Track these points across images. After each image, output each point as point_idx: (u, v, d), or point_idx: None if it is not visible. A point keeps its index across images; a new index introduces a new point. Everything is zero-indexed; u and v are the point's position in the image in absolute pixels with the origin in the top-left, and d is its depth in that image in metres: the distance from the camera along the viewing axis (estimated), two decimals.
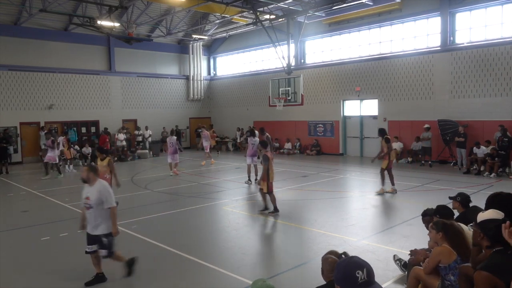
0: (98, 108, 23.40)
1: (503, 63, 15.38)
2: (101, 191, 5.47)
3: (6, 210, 10.66)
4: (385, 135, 11.61)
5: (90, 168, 5.63)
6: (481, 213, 3.44)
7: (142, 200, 11.58)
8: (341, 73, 20.66)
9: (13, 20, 20.41)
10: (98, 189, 5.47)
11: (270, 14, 18.83)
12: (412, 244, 6.18)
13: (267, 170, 9.15)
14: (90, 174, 5.53)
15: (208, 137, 18.80)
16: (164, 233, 8.20)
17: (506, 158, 13.97)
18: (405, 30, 18.52)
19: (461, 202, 5.40)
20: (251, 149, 13.56)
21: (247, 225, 8.88)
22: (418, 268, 4.56)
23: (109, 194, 5.54)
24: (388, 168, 11.37)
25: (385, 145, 11.35)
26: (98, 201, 5.43)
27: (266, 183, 9.18)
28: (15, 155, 20.17)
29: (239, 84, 26.41)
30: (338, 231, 7.98)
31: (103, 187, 5.54)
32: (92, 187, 5.51)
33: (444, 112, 16.85)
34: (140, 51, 24.56)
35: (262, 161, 9.32)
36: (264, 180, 9.20)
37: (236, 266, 6.31)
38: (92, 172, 5.56)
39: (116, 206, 5.63)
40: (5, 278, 6.02)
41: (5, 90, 20.23)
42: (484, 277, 2.96)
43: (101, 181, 5.64)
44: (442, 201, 5.94)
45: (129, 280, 5.90)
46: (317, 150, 21.38)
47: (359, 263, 2.13)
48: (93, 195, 5.45)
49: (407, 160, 17.66)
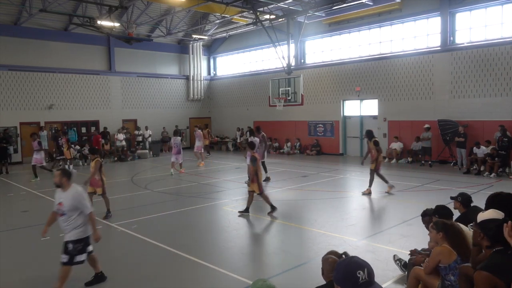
0: (98, 108, 23.40)
1: (503, 63, 15.38)
2: (75, 197, 5.19)
3: (6, 210, 10.67)
4: (374, 138, 11.44)
5: (63, 172, 5.33)
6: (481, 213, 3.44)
7: (142, 200, 11.58)
8: (341, 73, 20.66)
9: (13, 20, 20.41)
10: (72, 195, 5.19)
11: (270, 14, 18.83)
12: (412, 244, 6.18)
13: (255, 171, 9.14)
14: (63, 179, 5.24)
15: (201, 137, 18.56)
16: (164, 233, 8.19)
17: (506, 158, 13.96)
18: (405, 30, 18.52)
19: (462, 202, 5.39)
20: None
21: (247, 225, 8.88)
22: (418, 268, 4.56)
23: (84, 200, 5.27)
24: (376, 170, 11.29)
25: (374, 148, 11.22)
26: (71, 208, 5.15)
27: (257, 184, 9.17)
28: (15, 155, 20.17)
29: (239, 84, 26.41)
30: (338, 231, 7.98)
31: (78, 193, 5.24)
32: (65, 192, 5.22)
33: (444, 112, 16.85)
34: (140, 51, 24.56)
35: (250, 162, 9.28)
36: (254, 182, 9.19)
37: (236, 266, 6.31)
38: (65, 177, 5.26)
39: (93, 212, 5.36)
40: (5, 278, 6.02)
41: (5, 90, 20.23)
42: (484, 277, 2.96)
43: (75, 186, 5.33)
44: (442, 201, 5.94)
45: (129, 280, 5.90)
46: (317, 150, 21.38)
47: (359, 263, 2.13)
48: (66, 201, 5.16)
49: (407, 160, 17.66)
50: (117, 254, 7.11)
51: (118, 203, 11.27)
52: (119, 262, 6.69)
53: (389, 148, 18.39)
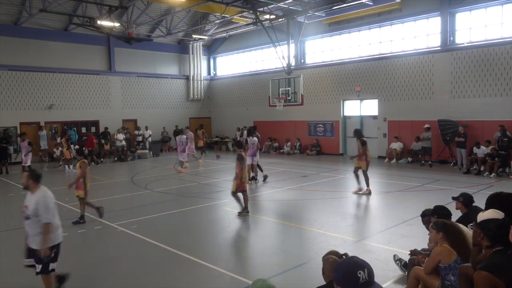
0: (98, 108, 23.40)
1: (503, 63, 15.38)
2: (38, 201, 4.84)
3: (6, 210, 10.68)
4: (362, 137, 11.51)
5: (30, 174, 5.05)
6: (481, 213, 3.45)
7: (142, 200, 11.58)
8: (341, 73, 20.66)
9: (13, 20, 20.41)
10: (36, 199, 4.86)
11: (270, 14, 18.83)
12: (412, 244, 6.18)
13: (241, 169, 9.10)
14: (29, 181, 4.96)
15: (191, 138, 18.00)
16: (164, 233, 8.19)
17: (506, 158, 13.96)
18: (405, 30, 18.52)
19: (464, 202, 5.35)
20: (251, 149, 13.61)
21: (247, 225, 8.88)
22: (418, 268, 4.56)
23: (46, 208, 4.84)
24: (363, 170, 11.30)
25: (361, 147, 11.26)
26: (34, 212, 4.83)
27: (237, 182, 9.11)
28: (15, 155, 20.16)
29: (239, 84, 26.41)
30: (338, 231, 7.98)
31: (42, 198, 4.87)
32: (32, 195, 4.93)
33: (444, 112, 16.85)
34: (140, 51, 24.57)
35: (238, 160, 9.18)
36: (235, 180, 9.14)
37: (236, 266, 6.32)
38: (31, 179, 4.97)
39: (51, 224, 4.85)
40: (5, 278, 6.02)
41: (5, 90, 20.24)
42: (484, 277, 2.96)
43: (43, 190, 4.98)
44: (442, 202, 5.95)
45: (129, 280, 5.90)
46: (317, 150, 21.38)
47: (360, 263, 2.13)
48: (31, 205, 4.86)
49: (407, 160, 17.66)
50: (117, 254, 7.12)
51: (118, 203, 11.29)
52: (119, 262, 6.70)
53: (389, 148, 18.39)
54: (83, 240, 7.94)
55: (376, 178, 14.61)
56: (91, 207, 9.19)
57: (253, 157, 13.58)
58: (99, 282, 5.90)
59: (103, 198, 11.97)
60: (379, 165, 17.39)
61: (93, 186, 14.28)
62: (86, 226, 8.72)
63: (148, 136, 24.01)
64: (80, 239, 8.00)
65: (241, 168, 9.10)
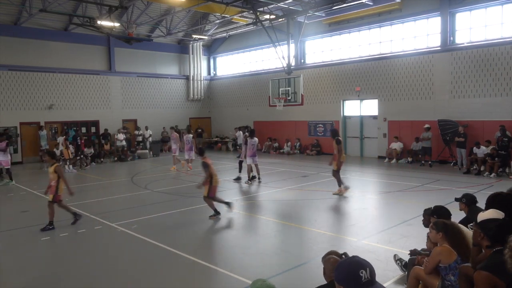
0: (98, 108, 23.40)
1: (503, 63, 15.38)
2: None
3: (6, 210, 10.67)
4: (337, 137, 11.46)
5: None
6: (481, 213, 3.45)
7: (142, 200, 11.58)
8: (341, 73, 20.66)
9: (13, 20, 20.41)
10: None
11: (270, 14, 18.83)
12: (412, 244, 6.19)
13: (210, 175, 9.09)
14: None
15: (177, 140, 17.68)
16: (164, 233, 8.19)
17: (506, 158, 13.96)
18: (405, 30, 18.52)
19: (467, 203, 5.31)
20: (251, 150, 13.63)
21: (247, 225, 8.89)
22: (419, 268, 4.57)
23: None
24: (334, 169, 11.26)
25: (336, 147, 11.21)
26: None
27: (208, 187, 9.11)
28: (15, 155, 20.14)
29: (239, 84, 26.41)
30: (338, 231, 7.98)
31: None
32: None
33: (444, 112, 16.86)
34: (140, 51, 24.56)
35: (202, 168, 9.26)
36: (205, 184, 9.15)
37: (236, 266, 6.31)
38: None
39: None
40: (5, 278, 6.02)
41: (5, 90, 20.23)
42: (484, 277, 2.97)
43: None
44: (442, 201, 5.95)
45: (129, 280, 5.90)
46: (317, 150, 21.37)
47: (361, 263, 2.13)
48: None
49: (407, 160, 17.66)
50: (117, 254, 7.12)
51: (118, 203, 11.29)
52: (119, 262, 6.70)
53: (389, 148, 18.39)
54: (83, 240, 7.94)
55: (376, 178, 14.64)
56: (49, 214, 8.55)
57: (254, 157, 13.63)
58: (99, 282, 5.89)
59: (103, 198, 11.99)
60: (379, 165, 17.40)
61: (93, 186, 14.34)
62: (86, 226, 8.72)
63: (148, 136, 24.01)
64: (80, 239, 8.00)
65: (208, 174, 9.11)
